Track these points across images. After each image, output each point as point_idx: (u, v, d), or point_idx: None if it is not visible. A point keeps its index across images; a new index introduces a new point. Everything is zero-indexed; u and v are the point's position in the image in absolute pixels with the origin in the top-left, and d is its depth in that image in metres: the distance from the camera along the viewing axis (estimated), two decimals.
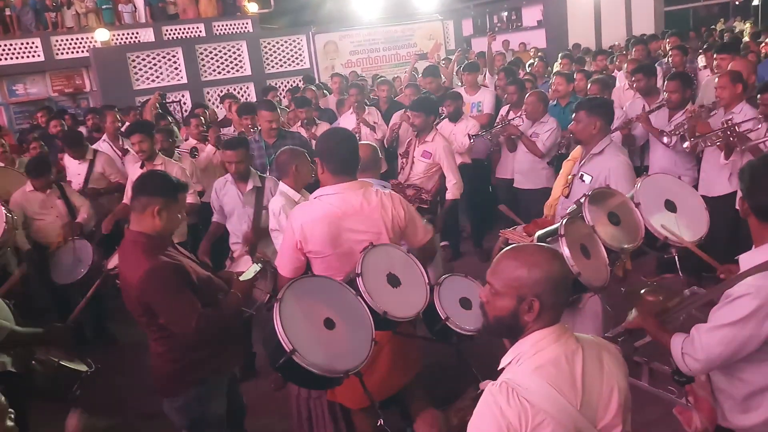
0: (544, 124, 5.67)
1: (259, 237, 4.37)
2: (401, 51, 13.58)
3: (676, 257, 2.77)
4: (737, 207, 2.25)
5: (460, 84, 7.92)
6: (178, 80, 11.70)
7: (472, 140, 6.09)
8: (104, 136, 6.80)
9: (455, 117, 6.20)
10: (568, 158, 4.29)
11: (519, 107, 6.02)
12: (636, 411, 3.28)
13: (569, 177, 3.97)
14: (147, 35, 13.25)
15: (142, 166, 5.29)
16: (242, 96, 11.72)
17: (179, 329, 2.72)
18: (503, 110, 6.31)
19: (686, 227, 2.83)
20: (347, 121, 6.91)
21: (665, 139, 4.96)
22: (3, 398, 1.65)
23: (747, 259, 2.20)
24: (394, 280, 2.53)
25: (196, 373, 2.87)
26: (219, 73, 12.02)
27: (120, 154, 6.53)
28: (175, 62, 11.68)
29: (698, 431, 2.32)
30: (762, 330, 2.03)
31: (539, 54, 12.02)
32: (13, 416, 1.68)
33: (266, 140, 5.42)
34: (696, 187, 4.81)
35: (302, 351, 2.13)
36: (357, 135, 6.37)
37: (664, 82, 5.38)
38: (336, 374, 2.21)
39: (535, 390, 1.60)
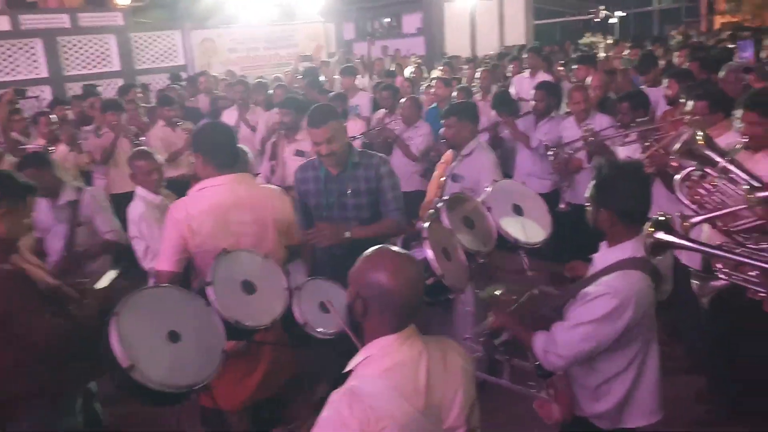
0: (418, 129, 5.81)
1: (76, 263, 3.83)
2: (282, 51, 13.41)
3: (525, 258, 2.91)
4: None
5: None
6: (37, 74, 10.95)
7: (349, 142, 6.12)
8: None
9: (342, 118, 6.22)
10: (441, 161, 4.46)
11: (393, 112, 6.11)
12: (503, 408, 3.44)
13: (442, 179, 4.12)
14: (2, 24, 12.15)
15: None
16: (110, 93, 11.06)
17: (23, 344, 2.49)
18: (379, 113, 6.40)
19: (532, 229, 2.99)
20: (228, 117, 6.74)
21: (534, 144, 5.24)
22: None
23: (601, 258, 2.34)
24: (249, 287, 2.46)
25: (41, 392, 2.63)
26: (84, 67, 11.30)
27: None
28: (33, 54, 10.90)
29: (558, 422, 2.42)
30: (617, 327, 2.17)
31: (418, 61, 12.29)
32: None
33: (328, 169, 3.41)
34: (557, 191, 5.12)
35: (142, 367, 2.00)
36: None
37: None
38: (181, 389, 2.08)
39: (378, 395, 1.60)
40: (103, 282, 2.94)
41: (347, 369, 1.71)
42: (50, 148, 5.61)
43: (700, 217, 2.50)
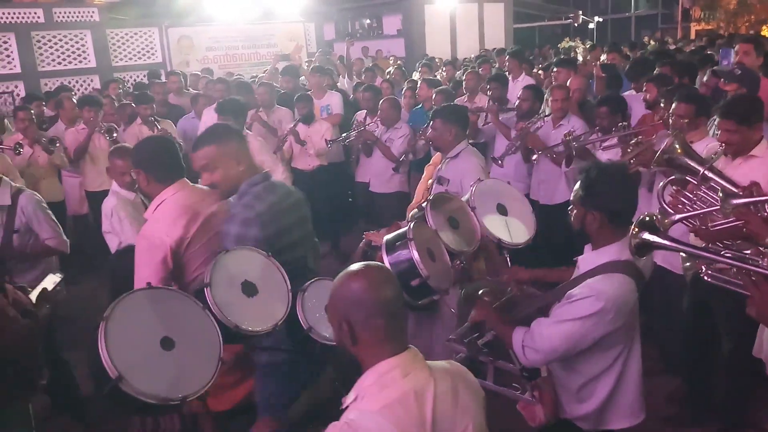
0: (398, 130, 5.80)
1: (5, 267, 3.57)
2: (261, 50, 13.33)
3: (509, 258, 2.90)
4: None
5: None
6: (11, 69, 10.73)
7: (329, 146, 6.10)
8: None
9: (308, 119, 6.20)
10: (430, 163, 4.40)
11: (375, 113, 6.09)
12: (486, 410, 3.43)
13: (429, 181, 4.04)
14: None
15: None
16: (86, 89, 10.89)
17: None
18: (359, 115, 6.36)
19: (517, 229, 2.96)
20: (209, 116, 6.59)
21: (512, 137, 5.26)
22: None
23: (586, 261, 2.33)
24: (250, 289, 2.31)
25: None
26: (59, 63, 11.09)
27: None
28: (6, 49, 10.67)
29: (542, 424, 2.40)
30: (599, 329, 2.17)
31: (398, 62, 12.29)
32: None
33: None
34: (528, 195, 5.11)
35: (131, 377, 1.86)
36: None
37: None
38: (172, 401, 1.95)
39: None
40: (47, 283, 2.84)
41: (344, 405, 1.56)
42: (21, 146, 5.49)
43: (680, 215, 2.54)
